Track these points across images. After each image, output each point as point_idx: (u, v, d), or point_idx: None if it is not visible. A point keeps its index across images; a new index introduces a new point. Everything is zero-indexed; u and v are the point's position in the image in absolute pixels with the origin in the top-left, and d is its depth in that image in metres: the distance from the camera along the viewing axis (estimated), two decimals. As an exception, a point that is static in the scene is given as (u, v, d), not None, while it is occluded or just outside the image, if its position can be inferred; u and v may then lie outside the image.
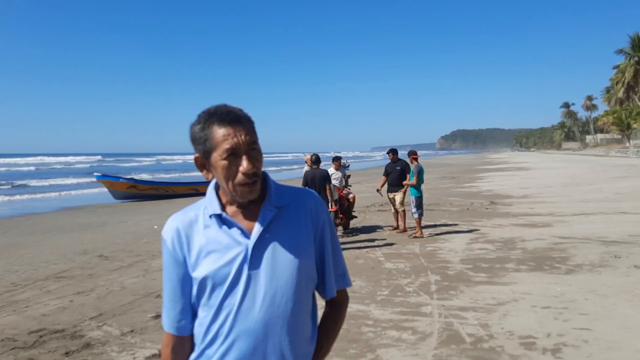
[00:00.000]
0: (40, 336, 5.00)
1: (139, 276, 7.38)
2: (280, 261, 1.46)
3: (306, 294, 1.53)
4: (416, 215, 9.87)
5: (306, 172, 9.53)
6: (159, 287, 6.61)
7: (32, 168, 57.86)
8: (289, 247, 1.48)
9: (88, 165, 66.03)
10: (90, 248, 9.85)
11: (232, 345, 1.44)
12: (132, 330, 5.09)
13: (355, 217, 11.68)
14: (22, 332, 5.15)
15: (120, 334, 5.02)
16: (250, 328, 1.43)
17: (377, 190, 11.26)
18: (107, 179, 21.42)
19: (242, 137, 1.41)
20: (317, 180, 9.06)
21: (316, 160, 9.53)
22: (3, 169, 56.23)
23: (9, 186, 29.58)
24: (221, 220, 1.49)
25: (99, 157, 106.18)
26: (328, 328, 1.65)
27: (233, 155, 1.41)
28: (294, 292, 1.47)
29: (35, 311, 5.82)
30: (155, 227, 12.28)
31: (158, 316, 5.47)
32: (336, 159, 11.22)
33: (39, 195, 24.17)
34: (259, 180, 1.46)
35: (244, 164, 1.41)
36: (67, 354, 4.54)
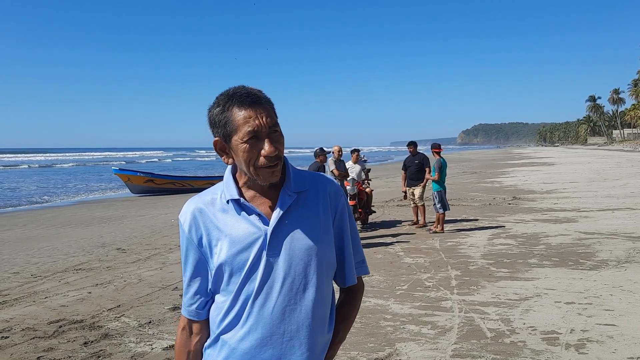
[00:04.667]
0: (60, 326, 5.04)
1: (157, 269, 7.41)
2: (299, 247, 1.44)
3: (325, 280, 1.50)
4: (441, 211, 9.70)
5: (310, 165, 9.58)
6: (176, 280, 6.62)
7: (144, 161, 63.50)
8: (308, 232, 1.45)
9: (171, 160, 71.07)
10: (108, 241, 9.95)
11: (249, 331, 1.42)
12: (149, 322, 5.10)
13: (374, 212, 11.58)
14: (42, 322, 5.19)
15: (137, 325, 5.03)
16: (268, 314, 1.42)
17: (403, 192, 11.04)
18: (125, 172, 21.47)
19: (264, 119, 1.38)
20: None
21: (317, 153, 9.68)
22: (128, 161, 60.74)
23: None
24: (239, 205, 1.46)
25: (161, 152, 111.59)
26: (345, 315, 1.62)
27: (254, 138, 1.38)
28: (312, 278, 1.45)
29: (54, 302, 5.88)
30: (173, 221, 12.36)
31: (175, 308, 5.48)
32: (354, 151, 11.11)
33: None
34: (280, 163, 1.42)
35: (266, 147, 1.37)
36: (85, 344, 4.56)
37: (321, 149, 9.78)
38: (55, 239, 10.40)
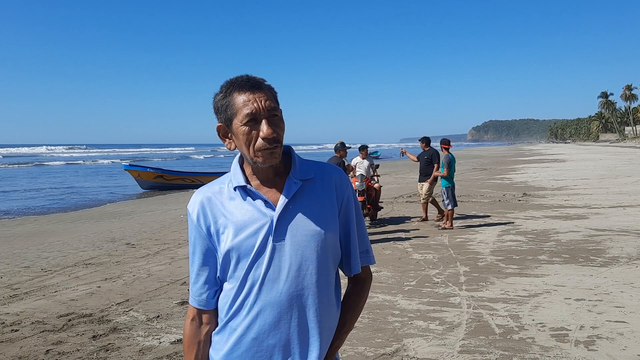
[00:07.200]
0: (69, 320, 5.07)
1: (165, 264, 7.44)
2: (304, 233, 1.45)
3: (330, 267, 1.52)
4: (449, 207, 9.66)
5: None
6: (184, 275, 6.65)
7: (202, 157, 65.64)
8: (313, 219, 1.47)
9: (223, 156, 71.81)
10: (117, 236, 10.00)
11: (256, 317, 1.44)
12: (158, 316, 5.12)
13: (382, 207, 11.55)
14: (52, 315, 5.23)
15: (146, 319, 5.06)
16: (275, 299, 1.43)
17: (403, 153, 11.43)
18: (135, 168, 21.59)
19: (262, 102, 1.41)
20: None
21: (337, 148, 9.77)
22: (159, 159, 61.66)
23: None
24: (245, 192, 1.48)
25: (193, 148, 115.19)
26: (351, 304, 1.63)
27: (253, 120, 1.40)
28: (319, 264, 1.46)
29: (64, 296, 5.92)
30: (182, 216, 12.39)
31: (183, 302, 5.50)
32: (362, 148, 11.10)
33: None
34: (279, 146, 1.44)
35: (264, 129, 1.40)
36: (94, 337, 4.60)
37: (342, 143, 9.76)
38: (65, 233, 10.48)
